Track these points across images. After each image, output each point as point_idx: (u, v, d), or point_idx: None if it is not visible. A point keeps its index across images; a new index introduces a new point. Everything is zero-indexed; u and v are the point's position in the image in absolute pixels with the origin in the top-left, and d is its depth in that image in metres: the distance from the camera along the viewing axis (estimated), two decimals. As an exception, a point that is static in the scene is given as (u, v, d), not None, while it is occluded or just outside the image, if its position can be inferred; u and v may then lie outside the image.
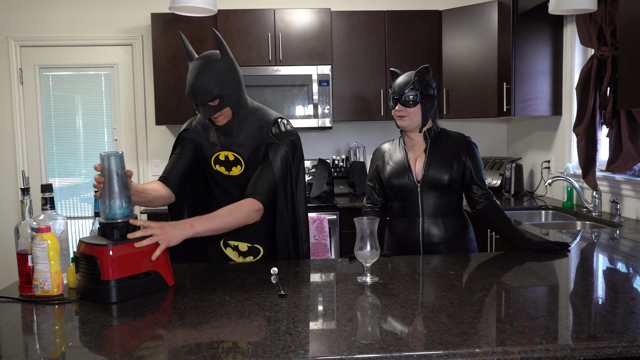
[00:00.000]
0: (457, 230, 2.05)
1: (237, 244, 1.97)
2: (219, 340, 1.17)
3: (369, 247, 1.58)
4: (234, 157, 1.86)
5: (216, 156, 1.88)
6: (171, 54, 3.79)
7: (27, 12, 4.08)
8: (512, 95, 3.50)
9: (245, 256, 1.98)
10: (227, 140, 1.87)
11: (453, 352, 1.09)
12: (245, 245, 1.96)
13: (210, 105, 1.75)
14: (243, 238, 1.96)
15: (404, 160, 2.05)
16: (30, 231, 1.56)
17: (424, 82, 1.99)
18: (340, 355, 1.08)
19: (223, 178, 1.92)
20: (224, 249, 2.01)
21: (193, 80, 1.72)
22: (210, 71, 1.72)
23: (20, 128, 4.11)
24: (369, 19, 3.89)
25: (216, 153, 1.88)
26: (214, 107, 1.75)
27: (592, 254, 1.96)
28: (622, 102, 2.30)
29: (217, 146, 1.88)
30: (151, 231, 1.52)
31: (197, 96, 1.72)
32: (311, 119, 3.80)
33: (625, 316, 1.26)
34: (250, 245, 1.96)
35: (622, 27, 2.28)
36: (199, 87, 1.71)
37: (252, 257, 1.98)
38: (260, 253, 1.97)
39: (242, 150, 1.85)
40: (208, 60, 1.74)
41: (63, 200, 4.19)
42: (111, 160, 1.51)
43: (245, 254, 1.97)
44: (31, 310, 1.42)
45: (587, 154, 3.00)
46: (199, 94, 1.71)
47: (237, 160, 1.86)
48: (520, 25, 3.46)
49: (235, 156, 1.86)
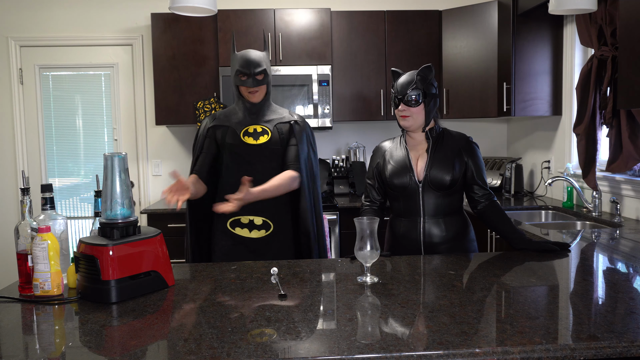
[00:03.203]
0: (458, 231, 2.05)
1: (253, 218, 2.14)
2: (219, 340, 1.17)
3: (369, 247, 1.58)
4: (261, 129, 2.17)
5: (245, 130, 2.17)
6: (171, 54, 3.79)
7: (27, 12, 4.08)
8: (512, 95, 3.50)
9: (258, 229, 2.14)
10: (254, 118, 2.19)
11: (453, 352, 1.09)
12: (260, 219, 2.14)
13: (257, 78, 2.13)
14: (259, 213, 2.14)
15: (405, 159, 2.05)
16: (30, 231, 1.56)
17: (426, 81, 1.98)
18: (340, 355, 1.08)
19: (249, 148, 2.15)
20: (232, 230, 2.15)
21: (249, 54, 2.13)
22: (261, 53, 2.18)
23: (20, 128, 4.11)
24: (369, 19, 3.89)
25: (246, 127, 2.17)
26: (259, 80, 2.13)
27: (592, 254, 1.96)
28: (622, 102, 2.30)
29: (245, 123, 2.18)
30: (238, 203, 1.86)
31: (252, 65, 2.11)
32: (311, 119, 3.80)
33: (625, 316, 1.26)
34: (265, 219, 2.14)
35: (622, 27, 2.28)
36: (254, 58, 2.12)
37: (265, 230, 2.14)
38: (271, 228, 2.15)
39: (268, 124, 2.19)
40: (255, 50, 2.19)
41: (63, 200, 4.19)
42: (114, 160, 1.52)
43: (259, 227, 2.14)
44: (31, 310, 1.42)
45: (587, 154, 3.00)
46: (253, 64, 2.11)
47: (265, 130, 2.17)
48: (520, 25, 3.46)
49: (263, 128, 2.17)
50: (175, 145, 4.24)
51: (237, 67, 2.13)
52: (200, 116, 3.75)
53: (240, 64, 2.12)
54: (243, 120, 2.18)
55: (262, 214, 2.14)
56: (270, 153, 2.15)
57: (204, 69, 3.82)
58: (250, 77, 2.12)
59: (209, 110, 3.74)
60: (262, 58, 2.15)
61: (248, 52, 2.16)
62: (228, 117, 2.21)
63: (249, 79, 2.12)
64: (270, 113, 2.22)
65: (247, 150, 2.14)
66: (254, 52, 2.16)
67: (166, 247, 1.62)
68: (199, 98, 3.82)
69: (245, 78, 2.12)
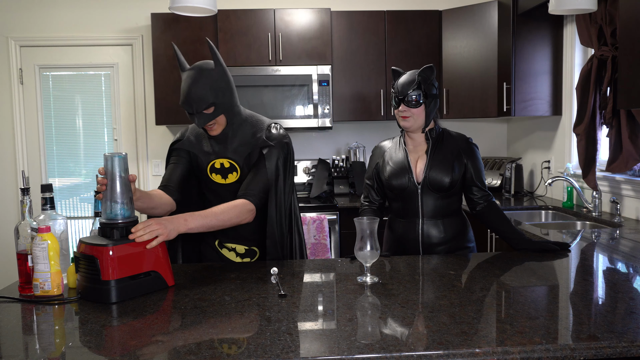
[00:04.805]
0: (457, 231, 2.05)
1: (235, 247, 1.98)
2: (219, 340, 1.17)
3: (369, 247, 1.58)
4: (229, 164, 1.89)
5: (212, 164, 1.90)
6: (171, 54, 3.79)
7: (27, 12, 4.08)
8: (512, 95, 3.50)
9: (242, 257, 2.00)
10: (221, 148, 1.89)
11: (453, 352, 1.09)
12: (243, 248, 1.99)
13: (205, 113, 1.77)
14: (240, 240, 1.98)
15: (404, 160, 2.04)
16: (30, 231, 1.56)
17: (428, 82, 1.96)
18: (340, 355, 1.08)
19: (219, 186, 1.94)
20: (220, 250, 2.01)
21: (188, 89, 1.74)
22: (204, 79, 1.75)
23: (20, 128, 4.11)
24: (369, 19, 3.89)
25: (212, 162, 1.91)
26: (209, 115, 1.78)
27: (592, 254, 1.96)
28: (622, 102, 2.30)
29: (212, 155, 1.91)
30: (150, 228, 1.53)
31: (193, 104, 1.74)
32: (311, 119, 3.80)
33: (625, 316, 1.26)
34: (247, 247, 1.99)
35: (622, 27, 2.28)
36: (194, 95, 1.73)
37: (250, 258, 2.01)
38: (256, 255, 2.00)
39: (237, 156, 1.88)
40: (202, 69, 1.77)
41: (63, 200, 4.19)
42: (115, 161, 1.52)
43: (242, 256, 2.00)
44: (31, 310, 1.42)
45: (587, 154, 3.00)
46: (195, 101, 1.74)
47: (233, 167, 1.89)
48: (520, 25, 3.46)
49: (231, 163, 1.88)
50: (175, 145, 4.23)
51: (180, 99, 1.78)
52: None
53: (182, 99, 1.76)
54: (209, 150, 1.90)
55: (245, 243, 1.97)
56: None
57: (204, 69, 3.81)
58: (196, 114, 1.77)
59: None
60: (205, 89, 1.73)
61: (188, 83, 1.74)
62: (197, 141, 1.93)
63: (197, 117, 1.77)
64: (238, 139, 1.87)
65: (216, 186, 1.93)
66: (195, 84, 1.73)
67: (166, 247, 1.62)
68: (199, 98, 3.81)
69: (192, 115, 1.78)
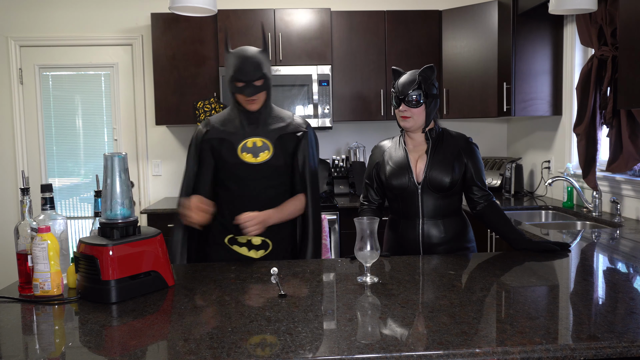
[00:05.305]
0: (457, 231, 2.04)
1: (250, 238, 1.99)
2: (219, 340, 1.17)
3: (369, 247, 1.58)
4: (262, 143, 1.96)
5: (244, 144, 1.95)
6: (171, 54, 3.79)
7: (27, 12, 4.08)
8: (512, 95, 3.50)
9: (257, 249, 2.00)
10: (253, 129, 1.97)
11: (453, 352, 1.09)
12: (259, 239, 1.99)
13: (255, 85, 1.88)
14: None
15: (404, 160, 2.03)
16: (30, 231, 1.56)
17: (428, 81, 1.96)
18: (340, 355, 1.08)
19: (247, 168, 1.96)
20: (231, 246, 2.02)
21: (246, 55, 1.87)
22: (258, 55, 1.90)
23: (20, 128, 4.11)
24: (369, 19, 3.89)
25: (244, 141, 1.96)
26: (257, 87, 1.89)
27: (592, 254, 1.96)
28: (622, 102, 2.30)
29: (243, 135, 1.97)
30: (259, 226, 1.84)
31: (249, 72, 1.86)
32: (311, 119, 3.80)
33: (625, 316, 1.26)
34: (263, 238, 2.00)
35: (622, 27, 2.28)
36: (250, 64, 1.86)
37: (264, 250, 2.00)
38: (269, 247, 2.01)
39: (270, 136, 1.97)
40: (252, 49, 1.92)
41: (63, 200, 4.19)
42: (114, 160, 1.52)
43: (257, 248, 2.00)
44: (31, 310, 1.42)
45: (587, 154, 3.00)
46: (250, 70, 1.86)
47: (265, 145, 1.96)
48: (520, 25, 3.46)
49: (264, 142, 1.96)
50: (175, 145, 4.24)
51: (231, 73, 1.88)
52: (200, 116, 3.75)
53: (236, 69, 1.86)
54: (240, 131, 1.96)
55: (261, 234, 1.98)
56: (270, 171, 1.96)
57: (204, 69, 3.82)
58: (248, 84, 1.87)
59: (209, 110, 3.74)
60: (261, 59, 1.89)
61: (244, 51, 1.88)
62: (224, 126, 1.98)
63: (246, 87, 1.87)
64: (271, 121, 1.98)
65: (245, 169, 1.95)
66: (251, 52, 1.88)
67: (166, 247, 1.62)
68: (199, 98, 3.82)
69: (242, 85, 1.87)
